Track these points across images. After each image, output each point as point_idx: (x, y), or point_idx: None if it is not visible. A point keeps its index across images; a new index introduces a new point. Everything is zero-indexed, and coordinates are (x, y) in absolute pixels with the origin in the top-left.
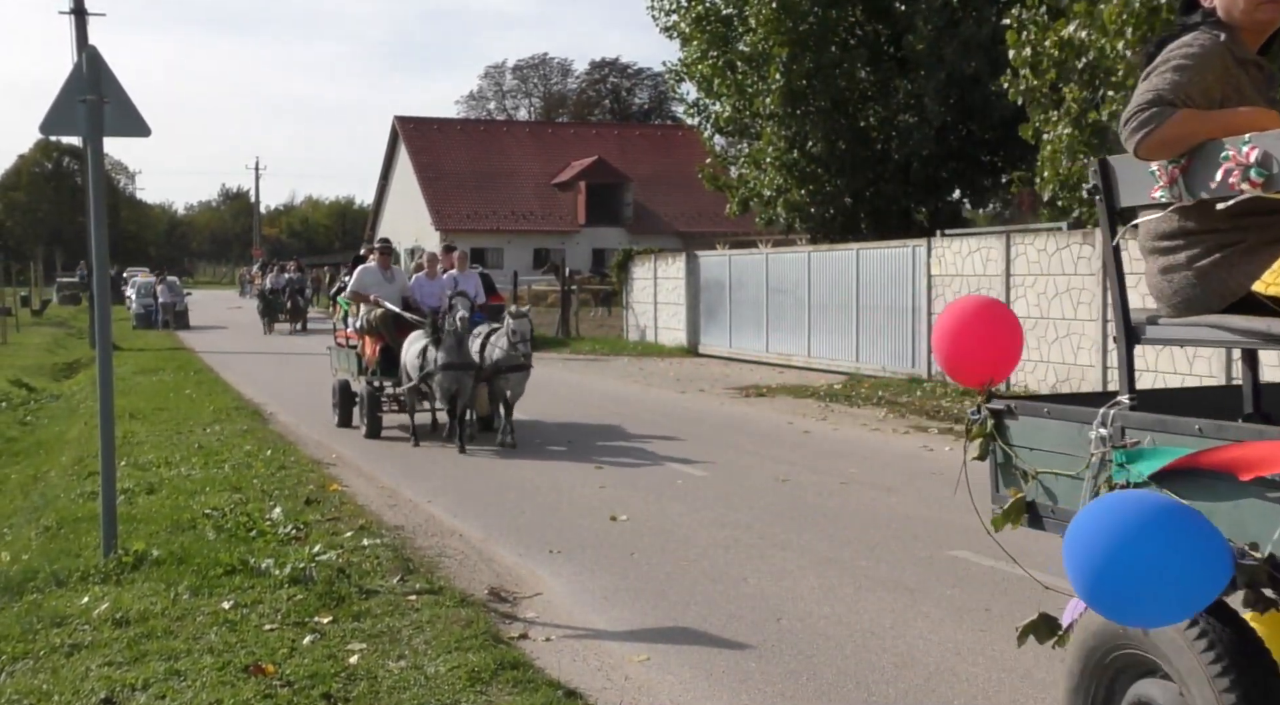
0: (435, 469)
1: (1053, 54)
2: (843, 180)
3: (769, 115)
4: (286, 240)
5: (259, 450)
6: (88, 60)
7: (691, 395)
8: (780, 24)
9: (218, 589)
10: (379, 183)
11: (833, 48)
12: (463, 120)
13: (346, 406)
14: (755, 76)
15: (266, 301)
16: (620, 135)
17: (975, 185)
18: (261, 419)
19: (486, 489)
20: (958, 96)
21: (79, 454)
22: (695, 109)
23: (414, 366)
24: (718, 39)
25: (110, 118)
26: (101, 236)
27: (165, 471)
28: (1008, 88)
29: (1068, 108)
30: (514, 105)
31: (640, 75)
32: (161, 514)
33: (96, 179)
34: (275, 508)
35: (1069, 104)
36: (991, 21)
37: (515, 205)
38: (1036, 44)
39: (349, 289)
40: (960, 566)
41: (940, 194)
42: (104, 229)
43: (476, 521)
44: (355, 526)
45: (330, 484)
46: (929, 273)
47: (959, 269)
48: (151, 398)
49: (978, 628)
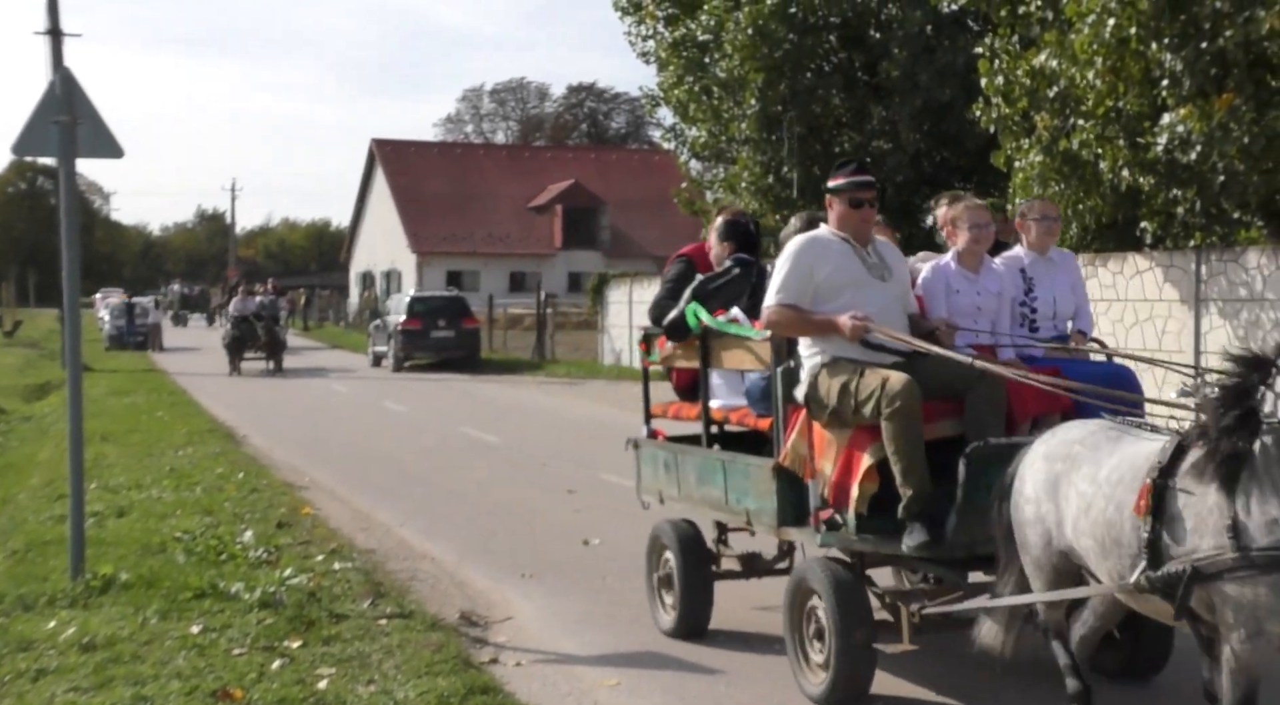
0: (408, 491)
1: (1024, 83)
2: (817, 206)
3: (744, 140)
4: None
5: (231, 473)
6: (61, 81)
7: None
8: (755, 49)
9: (187, 613)
10: (356, 205)
11: (808, 74)
12: (440, 143)
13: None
14: (731, 102)
15: (237, 332)
16: (597, 159)
17: None
18: (234, 442)
19: (459, 512)
20: (932, 123)
21: (49, 476)
22: (671, 133)
23: None
24: (694, 64)
25: (83, 139)
26: (74, 257)
27: (136, 494)
28: (980, 115)
29: (1039, 136)
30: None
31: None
32: (131, 537)
33: (69, 200)
34: (246, 531)
35: (1040, 132)
36: (965, 49)
37: (492, 228)
38: (1009, 73)
39: None
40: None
41: (915, 220)
42: (76, 249)
43: (449, 545)
44: (327, 550)
45: (302, 507)
46: None
47: None
48: (123, 419)
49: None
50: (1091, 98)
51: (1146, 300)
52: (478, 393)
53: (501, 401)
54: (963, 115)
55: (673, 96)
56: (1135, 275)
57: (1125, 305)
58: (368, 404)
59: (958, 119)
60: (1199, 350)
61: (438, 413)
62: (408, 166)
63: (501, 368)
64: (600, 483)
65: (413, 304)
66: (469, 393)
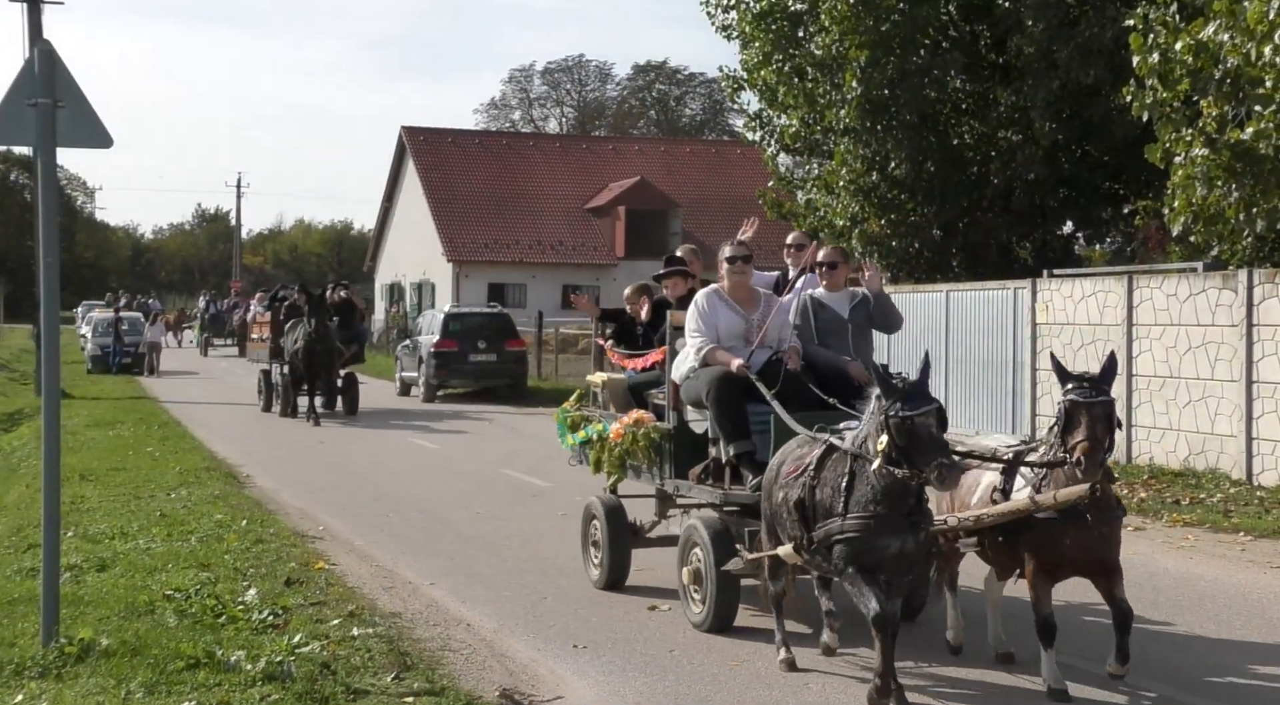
0: (439, 545)
1: (1185, 61)
2: (931, 208)
3: (844, 130)
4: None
5: (232, 520)
6: (40, 57)
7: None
8: (859, 22)
9: (177, 687)
10: (381, 205)
11: (921, 51)
12: (482, 132)
13: None
14: (828, 84)
15: (308, 360)
16: (667, 152)
17: (1091, 216)
18: (236, 483)
19: (500, 570)
20: (1072, 111)
21: (18, 522)
22: (756, 122)
23: None
24: (784, 40)
25: (65, 125)
26: (52, 263)
27: (120, 544)
28: (1132, 101)
29: (1204, 125)
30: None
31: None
32: (114, 595)
33: (48, 196)
34: (250, 589)
35: (1205, 121)
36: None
37: (542, 234)
38: (1166, 49)
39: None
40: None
41: (1048, 226)
42: (56, 254)
43: (487, 609)
44: (343, 613)
45: (315, 561)
46: (1033, 319)
47: (1070, 316)
48: (107, 455)
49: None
50: (1270, 79)
51: None
52: (523, 428)
53: (551, 439)
54: (1109, 101)
55: (758, 78)
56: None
57: None
58: (393, 440)
59: (1104, 106)
60: None
61: (476, 451)
62: (443, 160)
63: (552, 398)
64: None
65: (448, 322)
66: (513, 428)
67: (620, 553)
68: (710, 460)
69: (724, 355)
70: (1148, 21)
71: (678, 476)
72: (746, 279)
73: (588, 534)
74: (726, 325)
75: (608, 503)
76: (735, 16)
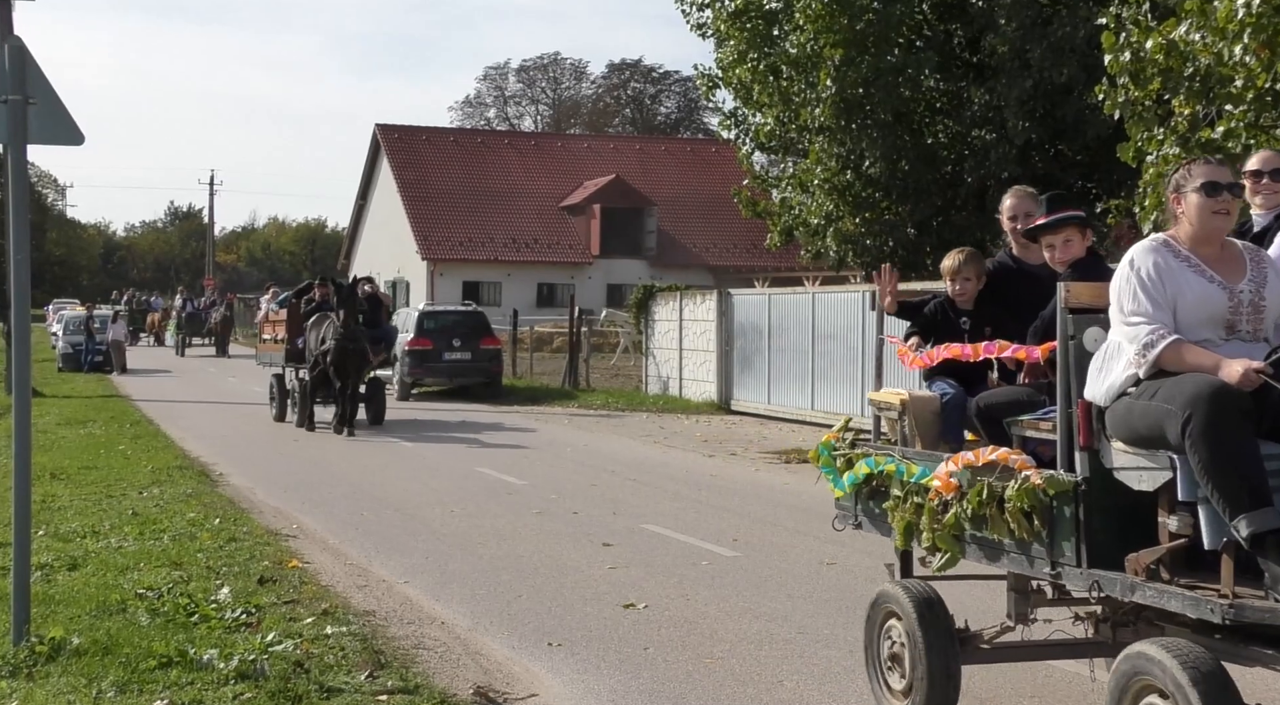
0: (414, 543)
1: (1157, 60)
2: (905, 207)
3: (818, 129)
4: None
5: (205, 519)
6: (10, 53)
7: (721, 459)
8: (833, 21)
9: (149, 685)
10: (356, 203)
11: (895, 50)
12: (457, 130)
13: None
14: (803, 83)
15: (337, 362)
16: (642, 150)
17: None
18: (209, 481)
19: (475, 568)
20: (1045, 109)
21: None
22: (731, 121)
23: None
24: (759, 38)
25: (36, 122)
26: (23, 261)
27: (91, 543)
28: (1104, 100)
29: (1175, 124)
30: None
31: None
32: (85, 594)
33: (18, 194)
34: (222, 588)
35: (1177, 120)
36: (1087, 20)
37: (517, 232)
38: (1138, 48)
39: None
40: (1042, 671)
41: None
42: (27, 251)
43: (462, 607)
44: (317, 611)
45: (289, 560)
46: None
47: None
48: (78, 454)
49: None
50: (1241, 78)
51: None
52: (498, 426)
53: (526, 437)
54: (1082, 100)
55: (733, 76)
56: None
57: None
58: (367, 438)
59: (1076, 104)
60: None
61: (450, 449)
62: (418, 158)
63: (527, 397)
64: (643, 534)
65: (422, 320)
66: (488, 426)
67: (944, 677)
68: (1180, 540)
69: (1205, 355)
70: (1120, 20)
71: (1097, 564)
72: (1229, 225)
73: (879, 642)
74: (1196, 302)
75: (919, 595)
76: (710, 15)
